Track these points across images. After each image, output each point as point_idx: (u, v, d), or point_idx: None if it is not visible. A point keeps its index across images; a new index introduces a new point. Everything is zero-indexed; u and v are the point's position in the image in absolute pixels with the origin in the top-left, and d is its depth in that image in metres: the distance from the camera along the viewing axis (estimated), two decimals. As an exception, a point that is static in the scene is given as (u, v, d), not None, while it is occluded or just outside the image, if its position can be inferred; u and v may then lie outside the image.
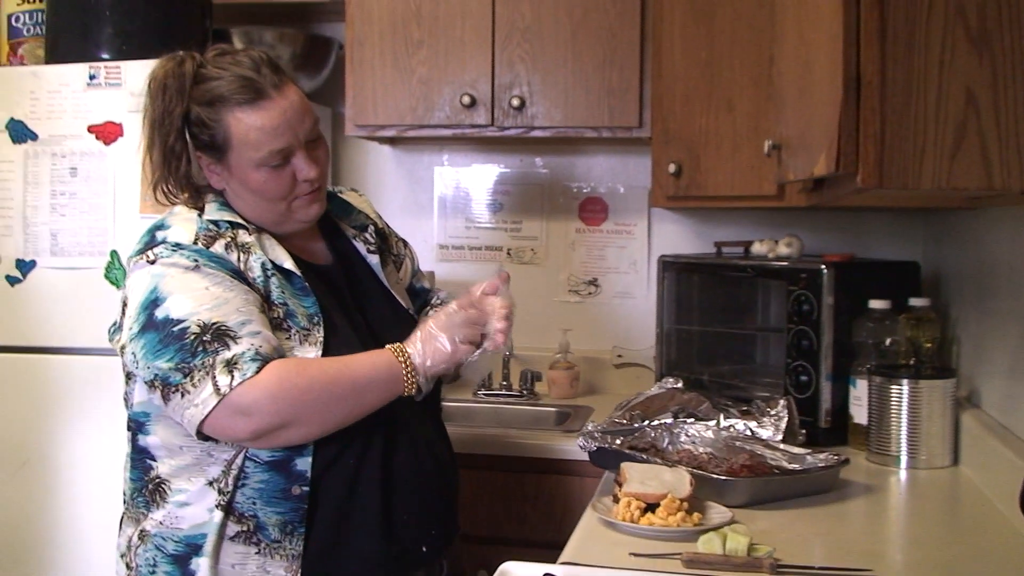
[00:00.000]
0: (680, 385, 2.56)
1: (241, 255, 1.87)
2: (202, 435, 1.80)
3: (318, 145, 1.97)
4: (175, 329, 1.76)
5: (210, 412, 1.74)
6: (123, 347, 1.85)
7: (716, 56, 2.86)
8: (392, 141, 3.52)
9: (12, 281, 2.85)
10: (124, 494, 1.98)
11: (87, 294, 2.80)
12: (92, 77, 2.79)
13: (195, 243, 1.84)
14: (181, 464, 1.87)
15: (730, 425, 2.39)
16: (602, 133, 3.10)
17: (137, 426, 1.92)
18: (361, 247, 2.13)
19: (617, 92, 3.05)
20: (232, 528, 1.85)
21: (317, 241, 2.08)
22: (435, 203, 3.57)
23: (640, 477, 1.91)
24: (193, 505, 1.86)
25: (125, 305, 1.87)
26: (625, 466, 1.96)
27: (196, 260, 1.82)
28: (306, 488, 1.85)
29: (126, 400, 1.95)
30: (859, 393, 2.53)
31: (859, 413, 2.53)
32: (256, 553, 1.85)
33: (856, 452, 2.48)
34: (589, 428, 2.36)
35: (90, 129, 2.79)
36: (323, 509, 1.87)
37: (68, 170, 2.80)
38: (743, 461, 2.16)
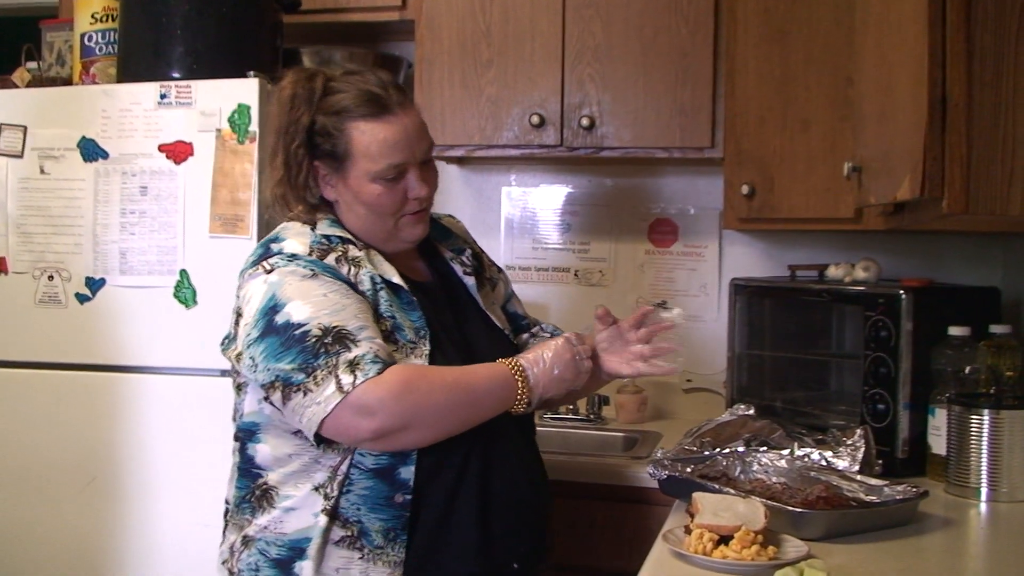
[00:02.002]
0: (752, 412, 2.51)
1: (352, 268, 1.96)
2: (319, 438, 1.85)
3: (430, 168, 2.07)
4: (296, 333, 1.83)
5: (332, 410, 1.80)
6: (239, 355, 1.92)
7: (791, 75, 2.83)
8: (460, 161, 3.52)
9: (82, 299, 2.87)
10: (228, 503, 2.06)
11: (156, 313, 2.81)
12: (163, 96, 2.81)
13: (309, 255, 1.93)
14: (289, 471, 1.95)
15: (805, 454, 2.34)
16: (673, 153, 3.08)
17: (246, 436, 2.00)
18: (458, 269, 2.20)
19: (688, 112, 3.03)
20: (337, 533, 1.92)
21: (418, 260, 2.17)
22: (502, 223, 3.56)
23: (713, 508, 1.87)
24: (299, 510, 1.93)
25: (239, 315, 1.95)
26: (697, 496, 1.93)
27: (313, 269, 1.91)
28: (408, 496, 1.91)
29: (235, 412, 2.04)
30: (938, 423, 2.47)
31: (938, 443, 2.47)
32: (359, 559, 1.91)
33: (935, 484, 2.41)
34: (659, 455, 2.33)
35: (160, 148, 2.81)
36: (424, 518, 1.93)
37: (138, 189, 2.82)
38: (819, 492, 2.11)
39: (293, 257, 1.93)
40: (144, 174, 2.82)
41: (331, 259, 1.95)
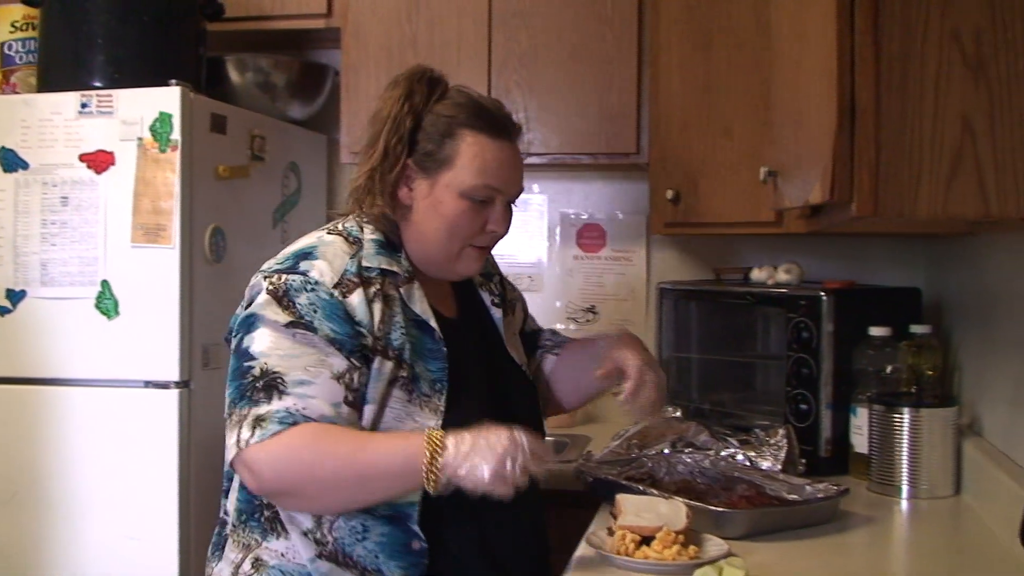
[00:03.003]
0: (679, 414, 2.56)
1: (384, 309, 1.84)
2: None
3: (509, 209, 1.97)
4: (244, 364, 1.77)
5: (232, 460, 1.77)
6: None
7: (714, 82, 2.86)
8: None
9: (2, 311, 2.84)
10: (227, 514, 1.94)
11: (77, 324, 2.79)
12: (84, 105, 2.79)
13: (334, 287, 1.81)
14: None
15: (729, 455, 2.38)
16: (599, 159, 3.11)
17: None
18: (486, 298, 2.11)
19: (615, 118, 3.06)
20: None
21: (449, 292, 2.05)
22: (431, 230, 3.56)
23: (635, 509, 1.90)
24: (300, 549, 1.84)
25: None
26: (620, 498, 1.95)
27: (311, 308, 1.79)
28: (424, 544, 1.82)
29: None
30: (860, 422, 2.52)
31: (860, 442, 2.52)
32: None
33: (857, 482, 2.46)
34: (586, 458, 2.35)
35: (81, 158, 2.78)
36: (441, 566, 1.84)
37: (59, 199, 2.79)
38: (741, 492, 2.15)
39: (312, 287, 1.80)
40: (65, 184, 2.79)
41: (355, 296, 1.81)
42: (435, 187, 1.89)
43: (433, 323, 1.89)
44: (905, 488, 2.36)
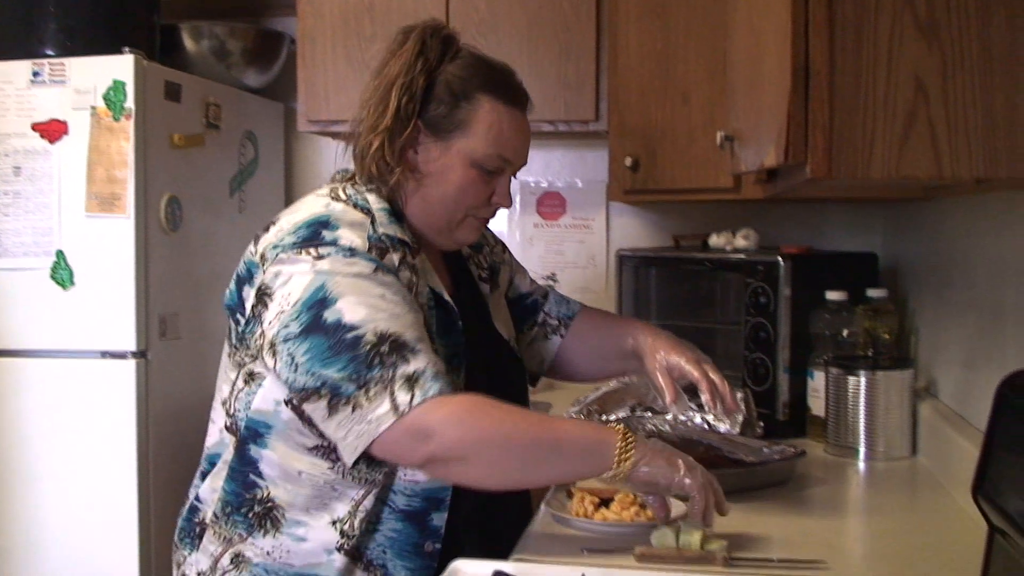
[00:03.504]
0: (637, 379, 2.56)
1: (413, 277, 1.76)
2: (356, 460, 1.63)
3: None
4: (348, 336, 1.61)
5: (384, 431, 1.58)
6: (269, 345, 1.67)
7: (671, 48, 2.87)
8: (346, 137, 3.49)
9: (-44, 283, 2.82)
10: (199, 502, 1.84)
11: (32, 295, 2.77)
12: (36, 74, 2.76)
13: (368, 251, 1.70)
14: (299, 493, 1.75)
15: (688, 419, 2.40)
16: (559, 127, 3.11)
17: (250, 436, 1.76)
18: (474, 271, 2.04)
19: (573, 86, 3.06)
20: (357, 575, 1.75)
21: (441, 263, 1.95)
22: (390, 199, 3.56)
23: (595, 472, 1.91)
24: (311, 543, 1.74)
25: (266, 295, 1.69)
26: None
27: (373, 266, 1.68)
28: (438, 546, 1.76)
29: (231, 400, 1.80)
30: (817, 385, 2.54)
31: (817, 405, 2.55)
32: None
33: (814, 444, 2.49)
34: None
35: (34, 127, 2.76)
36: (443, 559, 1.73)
37: (12, 169, 2.77)
38: (700, 454, 2.16)
39: (352, 252, 1.68)
40: (18, 154, 2.77)
41: (392, 261, 1.72)
42: (446, 152, 1.80)
43: (447, 296, 1.83)
44: (862, 450, 2.39)
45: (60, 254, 2.75)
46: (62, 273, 2.74)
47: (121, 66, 2.73)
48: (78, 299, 2.75)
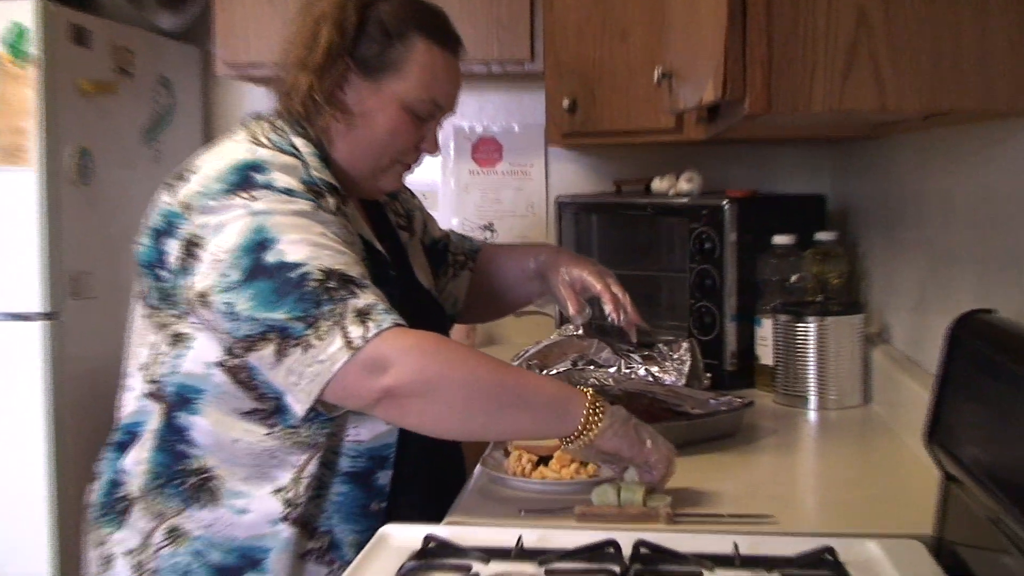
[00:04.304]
0: (580, 332, 2.56)
1: (348, 224, 1.76)
2: (311, 408, 1.61)
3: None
4: (293, 275, 1.59)
5: (340, 369, 1.56)
6: (202, 297, 1.64)
7: (609, -17, 2.85)
8: (267, 81, 3.44)
9: None
10: (122, 473, 1.78)
11: None
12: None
13: (306, 193, 1.69)
14: (235, 461, 1.72)
15: (631, 371, 2.41)
16: (492, 68, 3.08)
17: (178, 402, 1.73)
18: (392, 218, 2.05)
19: (506, 24, 3.03)
20: (304, 545, 1.73)
21: (362, 211, 1.92)
22: (317, 148, 3.53)
23: (533, 429, 1.90)
24: (253, 514, 1.72)
25: (194, 246, 1.65)
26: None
27: (314, 205, 1.68)
28: (383, 504, 1.78)
29: (151, 364, 1.76)
30: (765, 333, 2.56)
31: (765, 354, 2.57)
32: (328, 575, 1.75)
33: (764, 394, 2.51)
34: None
35: None
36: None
37: None
38: (643, 407, 2.16)
39: (289, 192, 1.66)
40: None
41: (330, 205, 1.72)
42: (377, 93, 1.80)
43: (379, 245, 1.84)
44: (812, 399, 2.41)
45: None
46: None
47: (22, 9, 2.66)
48: (-19, 256, 2.71)
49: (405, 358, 1.57)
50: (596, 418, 1.63)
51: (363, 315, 1.58)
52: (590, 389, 1.68)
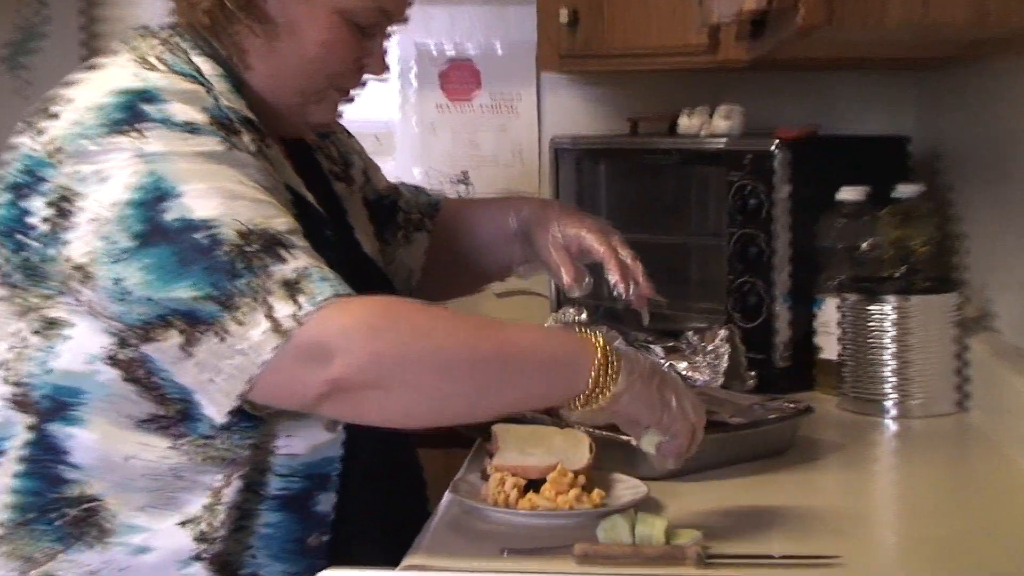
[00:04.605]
0: (584, 317, 2.57)
1: (270, 170, 1.76)
2: (235, 413, 1.61)
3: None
4: (200, 238, 1.57)
5: (268, 360, 1.55)
6: (81, 270, 1.62)
7: None
8: None
9: None
10: None
11: None
12: None
13: (215, 129, 1.69)
14: (129, 485, 1.71)
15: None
16: (467, -33, 3.09)
17: (54, 408, 1.71)
18: (324, 164, 2.07)
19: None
20: None
21: (286, 155, 1.92)
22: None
23: (519, 444, 1.90)
24: (154, 553, 1.70)
25: (67, 203, 1.63)
26: (498, 430, 1.94)
27: (226, 144, 1.67)
28: (325, 537, 1.78)
29: (9, 361, 1.73)
30: (827, 318, 2.57)
31: (829, 345, 2.57)
32: None
33: (825, 398, 2.53)
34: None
35: None
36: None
37: None
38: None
39: (192, 128, 1.66)
40: None
41: (246, 143, 1.72)
42: (311, 1, 1.80)
43: (309, 196, 1.85)
44: (891, 404, 2.42)
45: None
46: None
47: None
48: None
49: (351, 341, 1.56)
50: (610, 378, 1.63)
51: (293, 287, 1.57)
52: (600, 336, 1.67)
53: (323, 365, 1.55)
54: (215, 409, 1.61)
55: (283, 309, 1.55)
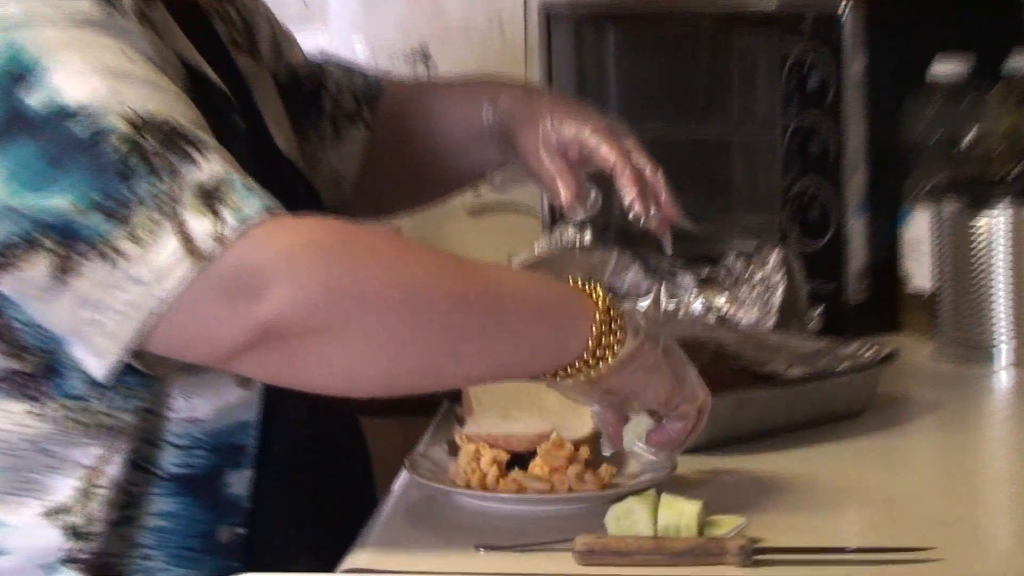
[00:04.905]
0: (588, 238, 2.55)
1: (157, 42, 1.73)
2: (119, 366, 1.60)
3: None
4: (77, 130, 1.57)
5: (176, 292, 1.52)
6: None
7: None
8: None
9: None
10: None
11: None
12: None
13: None
14: None
15: (679, 303, 2.40)
16: None
17: None
18: (222, 31, 2.05)
19: None
20: None
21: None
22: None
23: (500, 406, 1.90)
24: (11, 555, 1.72)
25: None
26: (472, 390, 1.95)
27: (103, 7, 1.64)
28: (241, 531, 1.79)
29: None
30: (918, 234, 2.57)
31: (919, 272, 2.58)
32: None
33: (915, 342, 2.54)
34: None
35: None
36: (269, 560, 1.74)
37: None
38: (704, 365, 2.15)
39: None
40: None
41: (125, 5, 1.68)
42: None
43: (211, 72, 1.85)
44: (1003, 349, 2.43)
45: None
46: None
47: None
48: None
49: (296, 267, 1.55)
50: (614, 337, 1.63)
51: (211, 196, 1.55)
52: (600, 290, 1.68)
53: (254, 300, 1.53)
54: (97, 360, 1.59)
55: (200, 224, 1.53)
